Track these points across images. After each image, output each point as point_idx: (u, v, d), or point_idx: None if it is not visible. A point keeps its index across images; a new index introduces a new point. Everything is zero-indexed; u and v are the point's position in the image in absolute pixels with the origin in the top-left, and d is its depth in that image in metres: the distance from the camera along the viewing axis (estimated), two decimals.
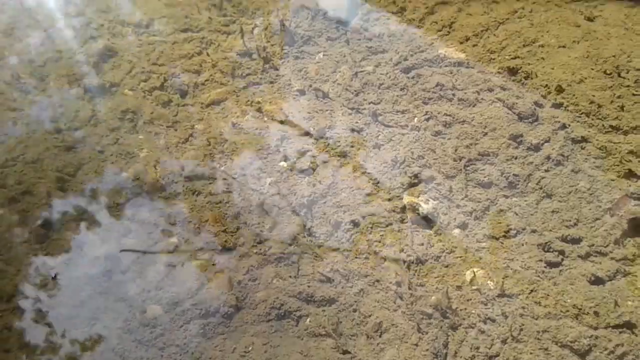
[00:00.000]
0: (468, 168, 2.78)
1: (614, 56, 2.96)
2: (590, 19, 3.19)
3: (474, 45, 3.21)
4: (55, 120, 3.09)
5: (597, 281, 2.37)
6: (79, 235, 2.70)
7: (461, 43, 3.24)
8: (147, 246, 2.65)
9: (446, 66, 3.15)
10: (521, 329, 2.30)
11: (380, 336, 2.37)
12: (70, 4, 3.64)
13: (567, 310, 2.31)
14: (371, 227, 2.67)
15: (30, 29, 3.51)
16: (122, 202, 2.80)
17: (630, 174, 2.61)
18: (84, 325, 2.44)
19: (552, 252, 2.47)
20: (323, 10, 3.54)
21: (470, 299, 2.40)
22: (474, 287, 2.43)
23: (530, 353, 2.25)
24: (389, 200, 2.74)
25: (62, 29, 3.50)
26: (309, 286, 2.52)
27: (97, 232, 2.71)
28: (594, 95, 2.84)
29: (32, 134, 3.02)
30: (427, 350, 2.31)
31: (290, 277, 2.55)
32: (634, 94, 2.82)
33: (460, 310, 2.38)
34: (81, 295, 2.53)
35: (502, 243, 2.55)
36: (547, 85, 2.94)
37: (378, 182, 2.80)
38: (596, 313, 2.28)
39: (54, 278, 2.57)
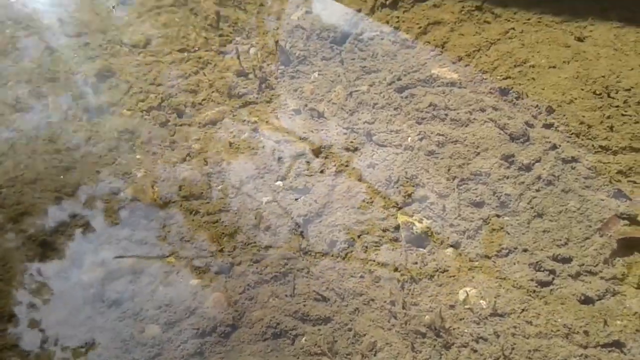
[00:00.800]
0: (461, 187, 2.83)
1: (603, 77, 3.02)
2: (580, 40, 3.25)
3: (466, 66, 3.26)
4: (53, 140, 3.12)
5: (587, 300, 2.42)
6: (76, 253, 2.73)
7: (454, 63, 3.29)
8: (143, 266, 2.69)
9: (439, 86, 3.21)
10: (513, 348, 2.33)
11: (374, 355, 2.40)
12: (69, 24, 3.69)
13: (558, 330, 2.35)
14: (366, 246, 2.70)
15: (28, 50, 3.55)
16: (119, 222, 2.84)
17: (619, 194, 2.66)
18: None
19: (543, 271, 2.52)
20: (318, 30, 3.59)
21: (463, 318, 2.44)
22: (466, 307, 2.47)
23: None
24: (383, 219, 2.78)
25: (61, 50, 3.54)
26: (304, 305, 2.55)
27: (94, 252, 2.74)
28: (584, 116, 2.90)
29: (30, 155, 3.05)
30: None
31: (286, 296, 2.59)
32: (623, 114, 2.88)
33: (454, 329, 2.42)
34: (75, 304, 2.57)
35: (494, 262, 2.59)
36: (537, 105, 2.99)
37: (372, 201, 2.85)
38: (586, 332, 2.33)
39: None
